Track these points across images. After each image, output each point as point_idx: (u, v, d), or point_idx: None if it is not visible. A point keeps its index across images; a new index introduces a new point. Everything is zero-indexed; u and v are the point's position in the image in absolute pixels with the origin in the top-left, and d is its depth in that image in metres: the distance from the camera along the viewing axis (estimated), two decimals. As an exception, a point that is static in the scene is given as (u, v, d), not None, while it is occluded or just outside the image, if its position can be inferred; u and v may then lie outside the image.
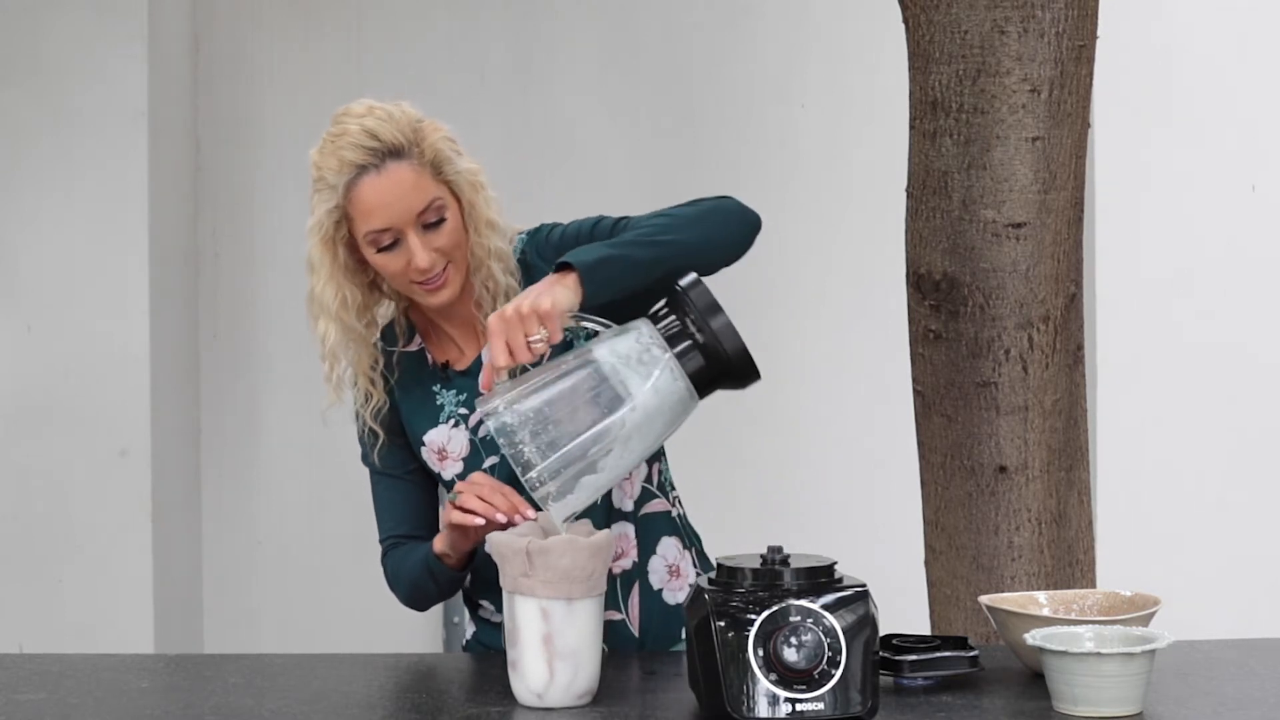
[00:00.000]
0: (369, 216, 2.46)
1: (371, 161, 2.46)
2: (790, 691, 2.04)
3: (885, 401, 4.03)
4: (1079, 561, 3.00)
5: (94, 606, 4.87)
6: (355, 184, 2.46)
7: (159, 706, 2.30)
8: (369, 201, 2.46)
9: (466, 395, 2.58)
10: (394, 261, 2.49)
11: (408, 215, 2.47)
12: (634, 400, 2.23)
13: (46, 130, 4.89)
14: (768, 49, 5.21)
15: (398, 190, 2.46)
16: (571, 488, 2.22)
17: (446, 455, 2.59)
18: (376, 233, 2.47)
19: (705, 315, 2.23)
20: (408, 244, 2.47)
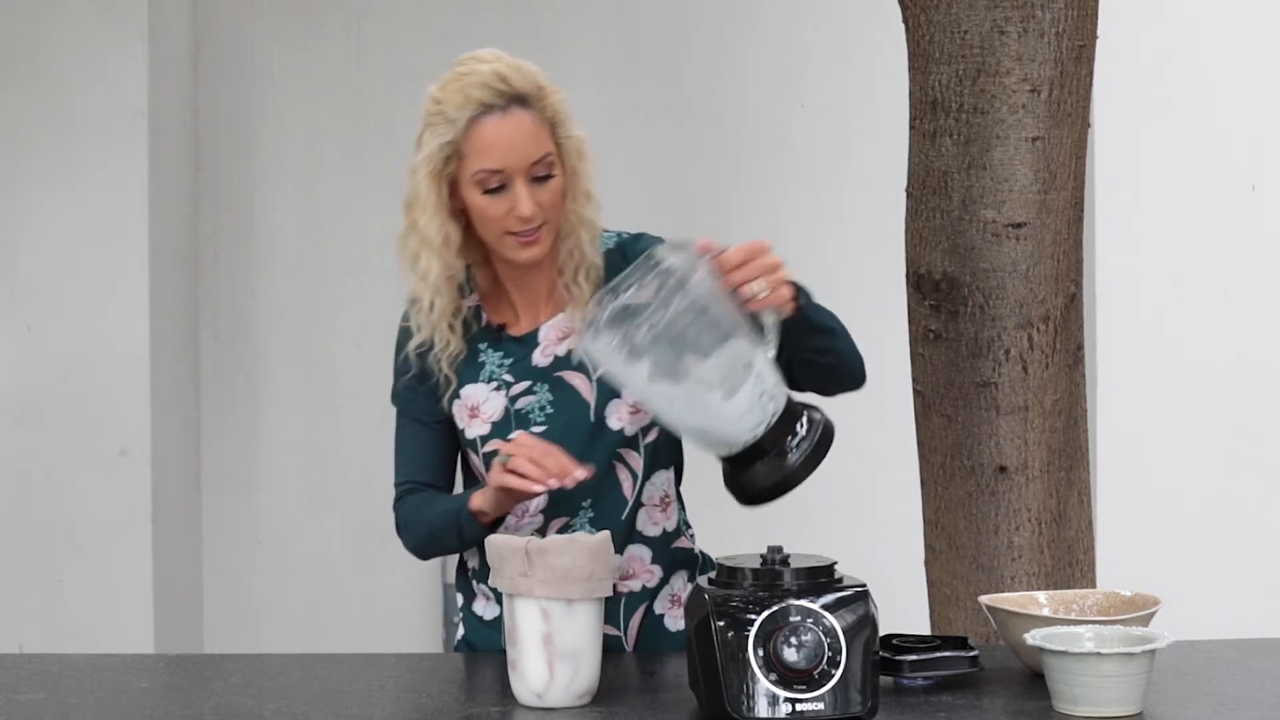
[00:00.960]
0: (485, 154, 2.49)
1: (498, 103, 2.49)
2: (790, 691, 2.04)
3: (885, 401, 4.03)
4: (1079, 561, 3.00)
5: (94, 606, 4.87)
6: (478, 121, 2.49)
7: (159, 706, 2.30)
8: (489, 139, 2.49)
9: (513, 361, 2.58)
10: (496, 206, 2.51)
11: (522, 161, 2.49)
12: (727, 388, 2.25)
13: (46, 130, 4.88)
14: (767, 49, 5.21)
15: (518, 135, 2.49)
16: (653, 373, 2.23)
17: (478, 414, 2.58)
18: (488, 172, 2.49)
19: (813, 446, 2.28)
20: (514, 190, 2.50)
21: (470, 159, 2.50)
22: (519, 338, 2.60)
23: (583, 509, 2.56)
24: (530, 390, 2.57)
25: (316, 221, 5.32)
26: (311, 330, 5.32)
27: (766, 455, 2.26)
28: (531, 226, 2.50)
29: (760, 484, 2.28)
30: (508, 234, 2.52)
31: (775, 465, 2.26)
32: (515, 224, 2.50)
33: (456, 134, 2.50)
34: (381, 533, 5.36)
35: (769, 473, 2.27)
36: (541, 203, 2.50)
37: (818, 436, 2.28)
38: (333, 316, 5.31)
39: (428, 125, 2.54)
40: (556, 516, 2.56)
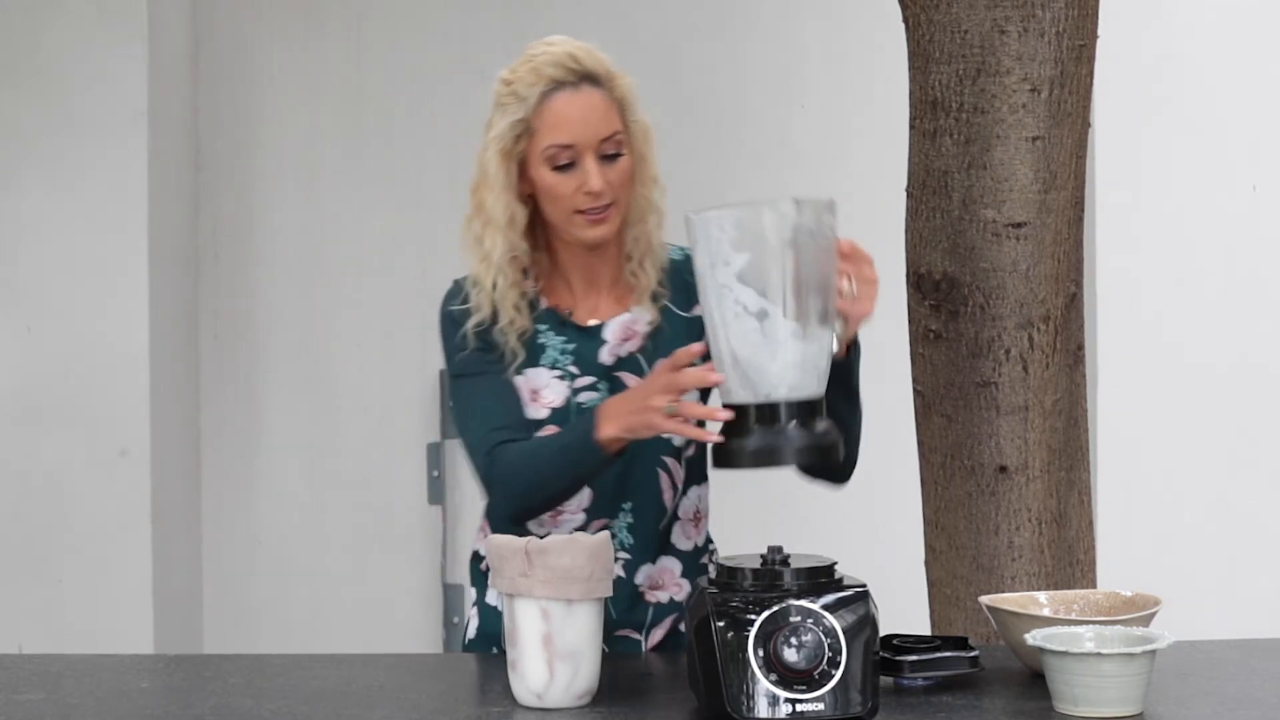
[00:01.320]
0: (556, 130, 2.52)
1: (569, 79, 2.54)
2: (790, 692, 2.04)
3: (885, 401, 4.03)
4: (1079, 561, 3.00)
5: (94, 606, 4.87)
6: (550, 96, 2.53)
7: (159, 706, 2.30)
8: (561, 114, 2.52)
9: (577, 350, 2.58)
10: (566, 183, 2.53)
11: (593, 137, 2.52)
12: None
13: (47, 130, 4.88)
14: (767, 49, 5.21)
15: (590, 111, 2.53)
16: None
17: (538, 398, 2.57)
18: (558, 147, 2.52)
19: (816, 443, 2.24)
20: (584, 166, 2.52)
21: (541, 134, 2.53)
22: (584, 328, 2.60)
23: (623, 511, 2.57)
24: (594, 386, 2.57)
25: (316, 221, 5.32)
26: (311, 330, 5.32)
27: (774, 424, 2.21)
28: (601, 204, 2.53)
29: (749, 446, 2.22)
30: (577, 212, 2.54)
31: (774, 435, 2.21)
32: (584, 201, 2.52)
33: (528, 111, 2.53)
34: (381, 533, 5.40)
35: (763, 437, 2.21)
36: (610, 181, 2.53)
37: (826, 441, 2.24)
38: (333, 316, 5.31)
39: (498, 105, 2.57)
40: (598, 517, 2.57)
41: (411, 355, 5.30)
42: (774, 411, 2.21)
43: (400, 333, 5.31)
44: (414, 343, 5.31)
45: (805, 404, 2.22)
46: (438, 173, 5.31)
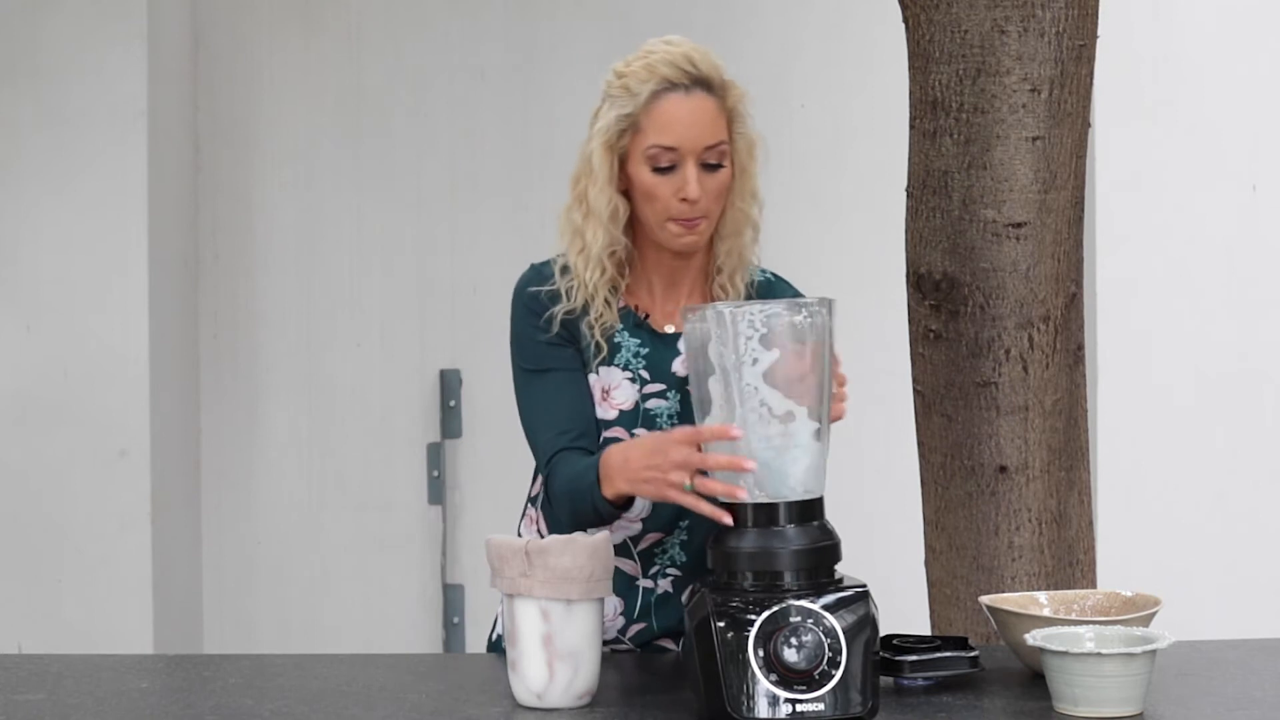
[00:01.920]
0: (662, 130, 2.49)
1: (682, 81, 2.50)
2: (790, 692, 2.04)
3: (885, 401, 4.03)
4: (1079, 561, 3.00)
5: (93, 607, 4.87)
6: (661, 95, 2.50)
7: (159, 706, 2.30)
8: (669, 115, 2.49)
9: (651, 354, 2.56)
10: (664, 185, 2.50)
11: (697, 143, 2.49)
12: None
13: (46, 130, 4.88)
14: (767, 49, 5.21)
15: (699, 116, 2.49)
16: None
17: (609, 398, 2.56)
18: (661, 149, 2.49)
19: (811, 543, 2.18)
20: (684, 172, 2.49)
21: (646, 133, 2.50)
22: (660, 334, 2.58)
23: (679, 529, 2.56)
24: (663, 394, 2.56)
25: (316, 221, 5.32)
26: (311, 330, 5.32)
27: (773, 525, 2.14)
28: (695, 214, 2.50)
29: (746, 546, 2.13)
30: (670, 219, 2.51)
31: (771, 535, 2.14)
32: (679, 207, 2.50)
33: (636, 107, 2.50)
34: (381, 533, 5.40)
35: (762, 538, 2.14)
36: (707, 190, 2.50)
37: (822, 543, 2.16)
38: (332, 316, 5.31)
39: (607, 97, 2.54)
40: (654, 530, 2.56)
41: (411, 355, 5.30)
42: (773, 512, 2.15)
43: (400, 333, 5.31)
44: (414, 343, 5.31)
45: (809, 504, 2.17)
46: (437, 173, 5.31)
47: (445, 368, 5.30)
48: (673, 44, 2.55)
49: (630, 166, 2.52)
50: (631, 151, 2.52)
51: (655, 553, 2.57)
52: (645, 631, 2.59)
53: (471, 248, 5.29)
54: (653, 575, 2.58)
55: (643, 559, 2.57)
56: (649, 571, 2.58)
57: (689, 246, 2.54)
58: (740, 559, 2.13)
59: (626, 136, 2.51)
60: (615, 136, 2.52)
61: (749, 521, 2.14)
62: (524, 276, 2.62)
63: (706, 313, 2.18)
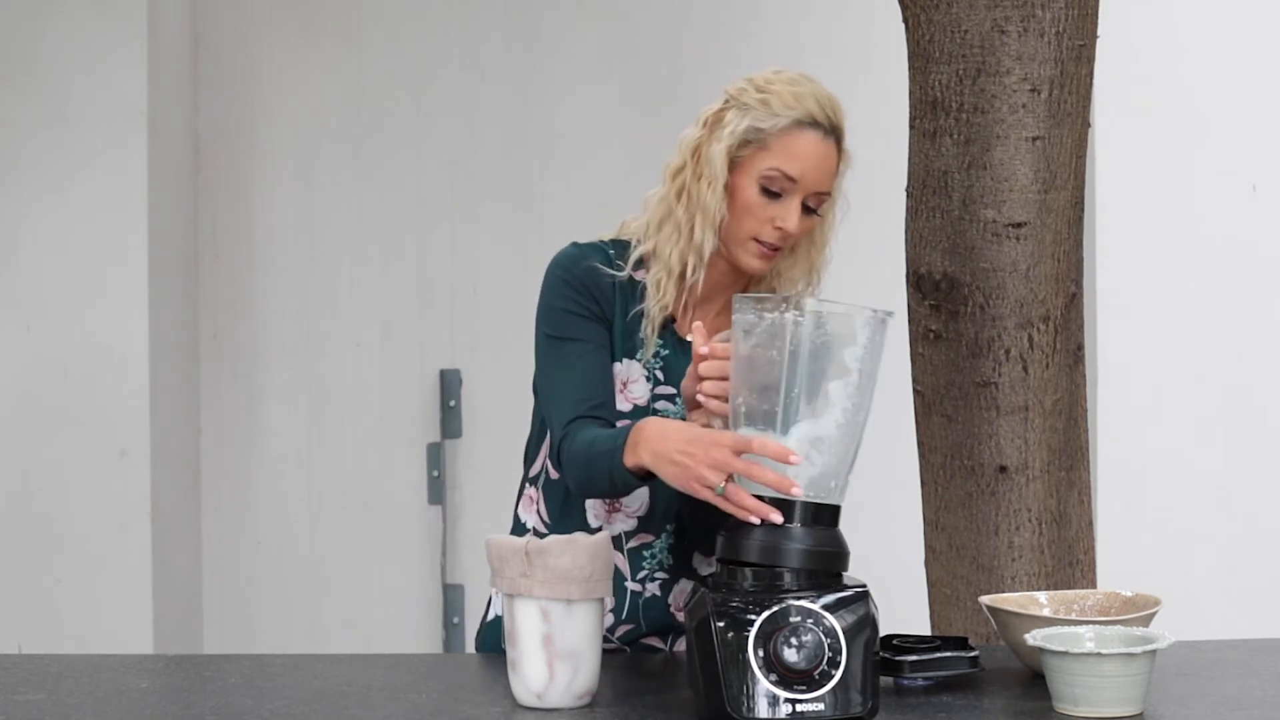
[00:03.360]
0: (790, 159, 2.53)
1: (825, 125, 2.55)
2: (790, 692, 2.04)
3: (885, 401, 4.02)
4: (1079, 562, 3.00)
5: (93, 606, 4.87)
6: (801, 129, 2.53)
7: (159, 706, 2.30)
8: (802, 149, 2.53)
9: (669, 357, 2.58)
10: (766, 208, 2.53)
11: (813, 184, 2.54)
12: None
13: (46, 130, 4.88)
14: (767, 49, 5.20)
15: (825, 162, 2.55)
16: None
17: (626, 390, 2.58)
18: (782, 176, 2.52)
19: (820, 549, 2.16)
20: (789, 203, 2.53)
21: (773, 155, 2.53)
22: (682, 341, 2.60)
23: (666, 531, 2.58)
24: (672, 399, 2.58)
25: (316, 221, 5.32)
26: (311, 330, 5.32)
27: (783, 525, 2.14)
28: (780, 243, 2.55)
29: (756, 542, 2.13)
30: (755, 239, 2.54)
31: (779, 534, 2.13)
32: (771, 234, 2.54)
33: (775, 127, 2.53)
34: (382, 533, 5.39)
35: (769, 535, 2.14)
36: (801, 228, 2.55)
37: (828, 549, 2.15)
38: (332, 316, 5.31)
39: (740, 106, 2.55)
40: (647, 531, 2.58)
41: (411, 355, 5.31)
42: (789, 505, 2.15)
43: (400, 332, 5.31)
44: (413, 342, 5.31)
45: (830, 510, 2.17)
46: (437, 172, 5.31)
47: (445, 368, 5.30)
48: (818, 84, 2.59)
49: (738, 177, 2.54)
50: (748, 165, 2.54)
51: (643, 555, 2.59)
52: (634, 631, 2.60)
53: (471, 248, 5.28)
54: (640, 580, 2.59)
55: (631, 559, 2.58)
56: (637, 575, 2.59)
57: (758, 270, 2.58)
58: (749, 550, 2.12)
59: (749, 149, 2.54)
60: (739, 145, 2.54)
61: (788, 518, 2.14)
62: (565, 252, 2.61)
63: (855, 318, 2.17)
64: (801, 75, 2.58)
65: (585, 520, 2.58)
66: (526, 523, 2.67)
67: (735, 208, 2.54)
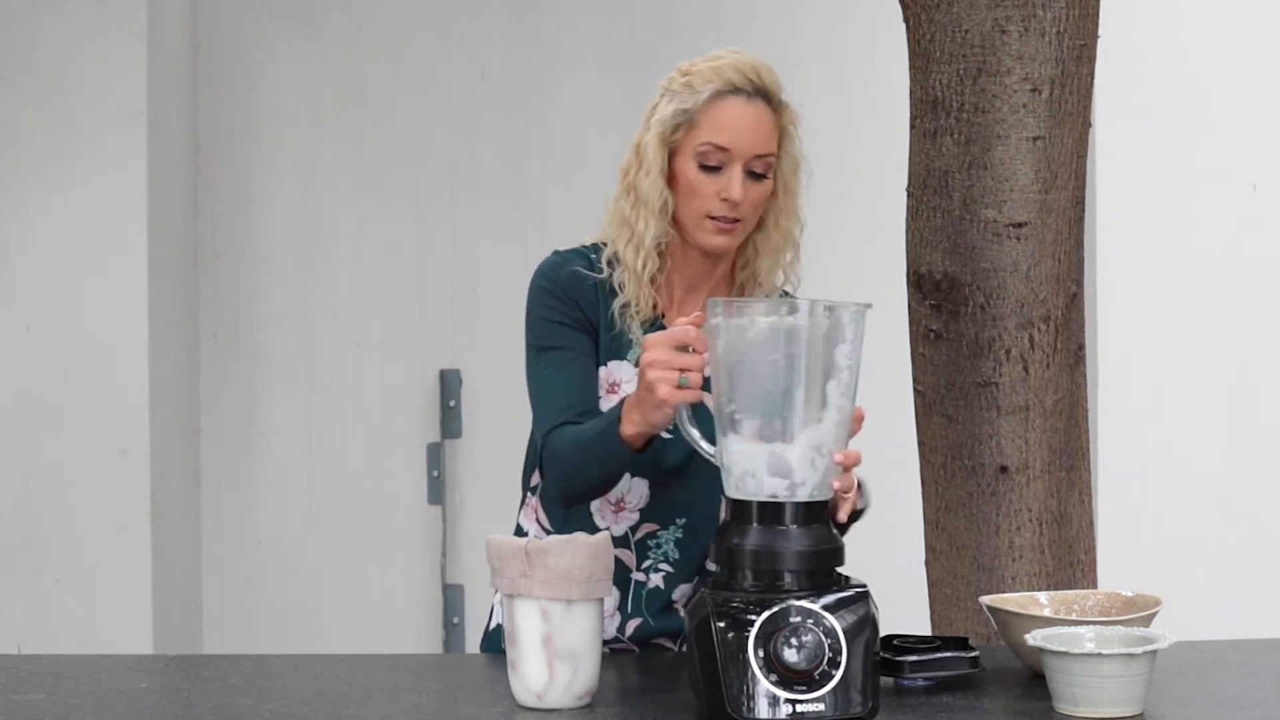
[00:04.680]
0: (718, 130, 2.54)
1: (746, 88, 2.56)
2: (790, 692, 2.04)
3: (885, 401, 4.02)
4: (1080, 562, 3.00)
5: (93, 606, 4.87)
6: (722, 97, 2.55)
7: (159, 706, 2.30)
8: (727, 116, 2.54)
9: None
10: (708, 184, 2.54)
11: (748, 149, 2.54)
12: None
13: (46, 130, 4.88)
14: (767, 49, 5.19)
15: (755, 123, 2.55)
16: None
17: (616, 391, 2.59)
18: (713, 147, 2.53)
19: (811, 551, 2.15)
20: (730, 173, 2.53)
21: (701, 130, 2.54)
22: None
23: (675, 525, 2.58)
24: None
25: (316, 221, 5.32)
26: (311, 330, 5.32)
27: (777, 523, 2.12)
28: (732, 215, 2.54)
29: (749, 543, 2.11)
30: (708, 217, 2.55)
31: (773, 533, 2.12)
32: (719, 206, 2.54)
33: (696, 103, 2.54)
34: (381, 533, 5.39)
35: (763, 535, 2.12)
36: (748, 197, 2.55)
37: (826, 547, 2.13)
38: (332, 316, 5.31)
39: (667, 92, 2.58)
40: (651, 521, 2.59)
41: (411, 355, 5.30)
42: (777, 509, 2.12)
43: (399, 333, 5.31)
44: (413, 343, 5.31)
45: (817, 506, 2.15)
46: (437, 172, 5.31)
47: (445, 368, 5.30)
48: (740, 54, 2.59)
49: (678, 161, 2.56)
50: (683, 146, 2.56)
51: (650, 545, 2.59)
52: (643, 628, 2.59)
53: (471, 248, 5.28)
54: (645, 569, 2.59)
55: (638, 550, 2.59)
56: (642, 565, 2.59)
57: (720, 247, 2.57)
58: (743, 555, 2.12)
59: (681, 131, 2.56)
60: (670, 130, 2.56)
61: (754, 520, 2.13)
62: (547, 261, 2.64)
63: (844, 314, 2.14)
64: (729, 51, 2.60)
65: (589, 525, 2.58)
66: (529, 531, 2.67)
67: (682, 191, 2.56)
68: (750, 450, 2.13)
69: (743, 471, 2.13)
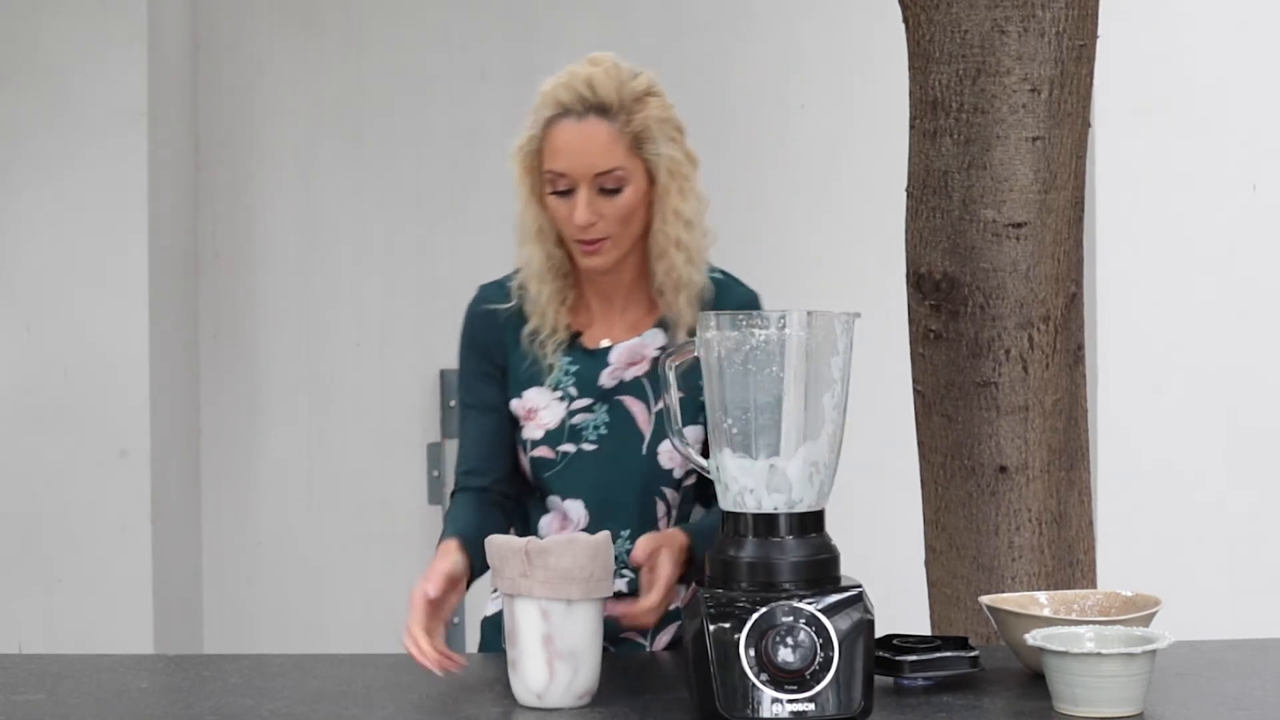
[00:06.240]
0: (554, 156, 2.52)
1: (576, 108, 2.52)
2: (782, 692, 2.04)
3: (885, 401, 4.03)
4: (1079, 562, 3.00)
5: (94, 606, 4.87)
6: (555, 122, 2.53)
7: (159, 706, 2.30)
8: (557, 142, 2.52)
9: (579, 373, 2.59)
10: (562, 208, 2.54)
11: (586, 170, 2.51)
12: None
13: (46, 130, 4.88)
14: (767, 50, 5.21)
15: (587, 144, 2.51)
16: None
17: (534, 417, 2.61)
18: (554, 174, 2.53)
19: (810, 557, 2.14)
20: (578, 196, 2.52)
21: (544, 157, 2.54)
22: (591, 351, 2.61)
23: (621, 537, 2.58)
24: (590, 408, 2.58)
25: (316, 221, 5.32)
26: (311, 330, 5.32)
27: (770, 535, 2.10)
28: (590, 236, 2.52)
29: (745, 553, 2.10)
30: (574, 239, 2.55)
31: (769, 545, 2.11)
32: (576, 231, 2.53)
33: (538, 130, 2.55)
34: (381, 533, 5.39)
35: (760, 547, 2.10)
36: (604, 214, 2.52)
37: (823, 556, 2.12)
38: (332, 316, 5.31)
39: (531, 114, 2.58)
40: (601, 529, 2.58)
41: (411, 355, 5.30)
42: (772, 521, 2.11)
43: (400, 333, 5.31)
44: (413, 343, 5.30)
45: (813, 517, 2.14)
46: (437, 173, 5.31)
47: (445, 368, 5.29)
48: (594, 63, 2.55)
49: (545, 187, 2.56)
50: (543, 173, 2.55)
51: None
52: (611, 626, 2.60)
53: (471, 248, 5.28)
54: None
55: None
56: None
57: (593, 267, 2.56)
58: (740, 569, 2.10)
59: (536, 158, 2.56)
60: (528, 157, 2.56)
61: (750, 531, 2.12)
62: (469, 303, 2.71)
63: (835, 324, 2.13)
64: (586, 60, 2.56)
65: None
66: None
67: (551, 215, 2.57)
68: (746, 466, 2.12)
69: (740, 488, 2.12)
